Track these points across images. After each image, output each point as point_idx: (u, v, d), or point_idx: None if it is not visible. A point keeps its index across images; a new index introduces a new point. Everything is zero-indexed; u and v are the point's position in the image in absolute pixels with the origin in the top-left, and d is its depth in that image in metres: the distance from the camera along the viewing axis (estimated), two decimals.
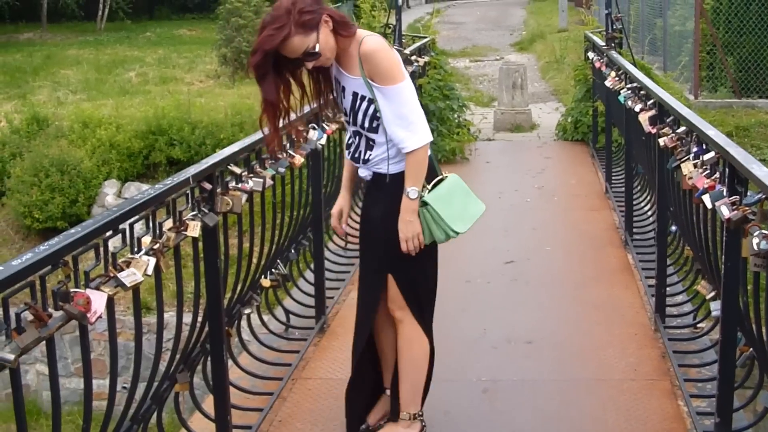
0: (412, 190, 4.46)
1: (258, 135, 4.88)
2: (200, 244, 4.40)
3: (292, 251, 6.40)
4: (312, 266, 6.83)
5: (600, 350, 6.19)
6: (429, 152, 4.58)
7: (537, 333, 6.51)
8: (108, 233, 3.52)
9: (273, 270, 5.96)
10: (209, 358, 4.69)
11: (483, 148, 14.14)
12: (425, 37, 13.77)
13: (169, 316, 4.41)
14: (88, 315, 3.23)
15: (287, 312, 6.62)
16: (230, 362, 5.15)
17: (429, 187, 4.54)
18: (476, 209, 4.73)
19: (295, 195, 6.32)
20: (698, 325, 6.29)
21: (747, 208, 4.05)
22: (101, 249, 3.48)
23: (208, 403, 4.85)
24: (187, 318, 4.51)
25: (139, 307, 3.92)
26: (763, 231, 3.77)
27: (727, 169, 4.36)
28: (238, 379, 5.48)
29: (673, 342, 6.10)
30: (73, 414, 10.98)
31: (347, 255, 8.13)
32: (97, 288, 3.37)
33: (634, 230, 8.37)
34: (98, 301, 3.29)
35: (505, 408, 5.46)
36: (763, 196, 3.86)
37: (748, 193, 4.16)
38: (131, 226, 3.72)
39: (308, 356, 6.15)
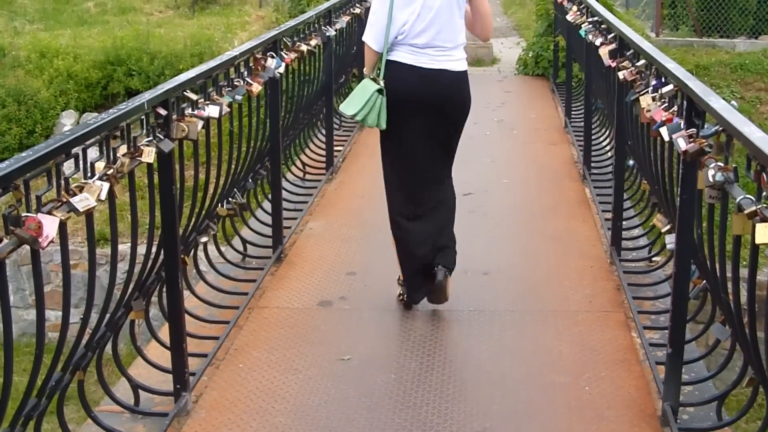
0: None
1: (215, 62, 4.83)
2: (156, 172, 4.36)
3: (249, 181, 6.37)
4: (269, 196, 6.81)
5: (556, 282, 6.22)
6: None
7: (493, 264, 6.53)
8: (61, 157, 3.47)
9: (230, 199, 5.93)
10: (165, 287, 4.67)
11: None
12: None
13: (126, 246, 4.38)
14: (40, 240, 3.19)
15: (244, 242, 6.60)
16: (187, 291, 5.14)
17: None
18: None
19: (253, 124, 6.27)
20: (653, 259, 6.34)
21: (704, 140, 4.06)
22: (54, 173, 3.44)
23: (164, 332, 4.83)
24: (142, 250, 4.48)
25: (93, 233, 3.88)
26: (719, 163, 3.79)
27: (684, 102, 4.37)
28: (194, 308, 5.47)
29: (628, 275, 6.14)
30: (31, 345, 10.90)
31: (305, 186, 8.12)
32: (49, 213, 3.33)
33: (592, 164, 8.40)
34: (50, 225, 3.25)
35: (461, 338, 5.48)
36: (720, 129, 3.86)
37: (705, 126, 4.17)
38: (84, 150, 3.67)
39: (265, 285, 6.14)
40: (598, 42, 7.17)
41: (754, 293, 3.58)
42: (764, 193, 3.36)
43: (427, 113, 5.53)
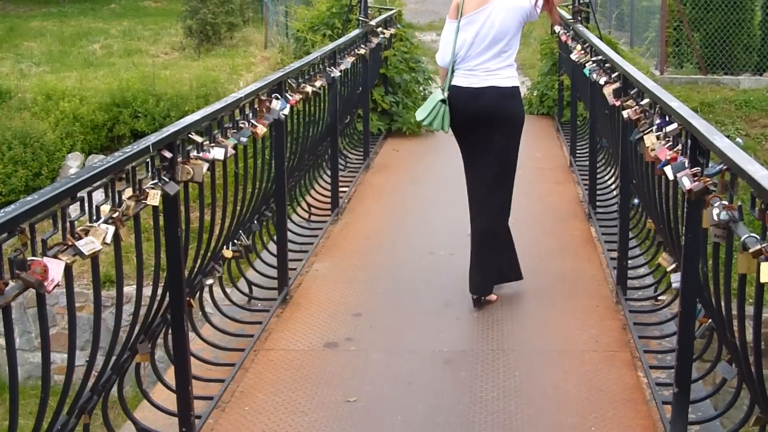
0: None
1: (220, 104, 4.85)
2: (161, 215, 4.37)
3: (255, 223, 6.38)
4: (275, 238, 6.81)
5: (562, 322, 6.21)
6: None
7: (500, 304, 6.52)
8: (66, 201, 3.48)
9: (235, 241, 5.93)
10: (170, 329, 4.66)
11: None
12: (391, 9, 13.71)
13: (132, 288, 4.38)
14: (45, 283, 3.19)
15: (250, 283, 6.60)
16: (192, 333, 5.13)
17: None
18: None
19: (258, 166, 6.29)
20: (659, 298, 6.33)
21: (708, 179, 4.07)
22: (59, 217, 3.44)
23: (170, 375, 4.83)
24: (149, 291, 4.49)
25: (98, 276, 3.88)
26: (724, 202, 3.79)
27: (689, 141, 4.38)
28: (200, 351, 5.46)
29: (634, 314, 6.14)
30: (37, 388, 10.92)
31: (310, 227, 8.13)
32: (55, 256, 3.34)
33: (598, 203, 8.40)
34: (55, 269, 3.25)
35: (468, 379, 5.47)
36: (724, 167, 3.87)
37: (710, 165, 4.17)
38: (90, 194, 3.68)
39: (270, 327, 6.14)
40: (602, 81, 7.18)
41: (759, 332, 3.58)
42: None
43: (479, 126, 6.42)
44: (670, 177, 4.48)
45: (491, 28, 6.35)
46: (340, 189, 9.01)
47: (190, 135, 4.70)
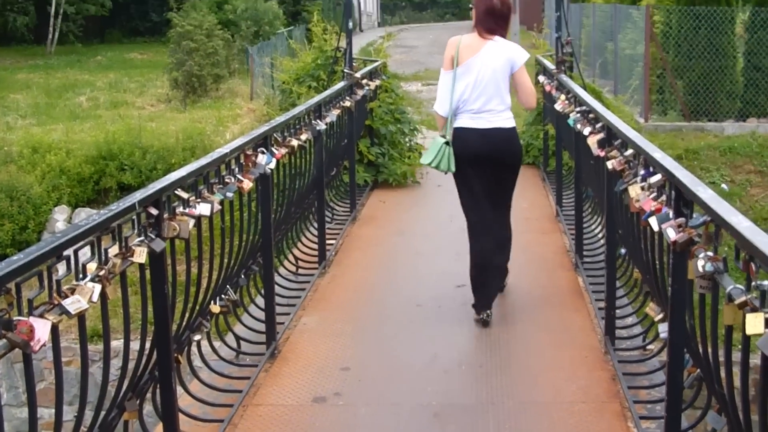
0: None
1: (205, 159, 4.86)
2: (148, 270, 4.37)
3: (242, 277, 6.37)
4: (262, 292, 6.80)
5: (551, 373, 6.20)
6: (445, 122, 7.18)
7: (488, 356, 6.51)
8: (52, 260, 3.48)
9: (223, 296, 5.92)
10: (158, 386, 4.64)
11: (434, 171, 13.99)
12: (376, 61, 13.78)
13: (120, 342, 4.37)
14: (32, 343, 3.18)
15: (238, 338, 6.58)
16: (180, 389, 5.11)
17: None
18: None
19: (244, 220, 6.29)
20: (647, 347, 6.32)
21: (693, 230, 4.09)
22: (45, 275, 3.44)
23: (159, 431, 4.80)
24: (136, 345, 4.47)
25: (85, 334, 3.87)
26: (708, 253, 3.80)
27: (673, 192, 4.40)
28: (188, 407, 5.43)
29: (623, 364, 6.12)
30: None
31: (297, 280, 8.11)
32: (41, 316, 3.33)
33: (585, 253, 8.41)
34: (42, 329, 3.25)
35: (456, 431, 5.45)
36: (708, 219, 3.89)
37: (694, 215, 4.19)
38: (76, 252, 3.68)
39: (259, 382, 6.11)
40: (586, 131, 7.22)
41: (747, 384, 3.57)
42: (754, 283, 3.36)
43: (486, 162, 7.07)
44: (655, 228, 4.50)
45: (487, 72, 6.99)
46: (327, 241, 9.01)
47: (176, 191, 4.71)
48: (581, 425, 5.40)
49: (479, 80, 7.00)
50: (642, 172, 5.14)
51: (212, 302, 5.74)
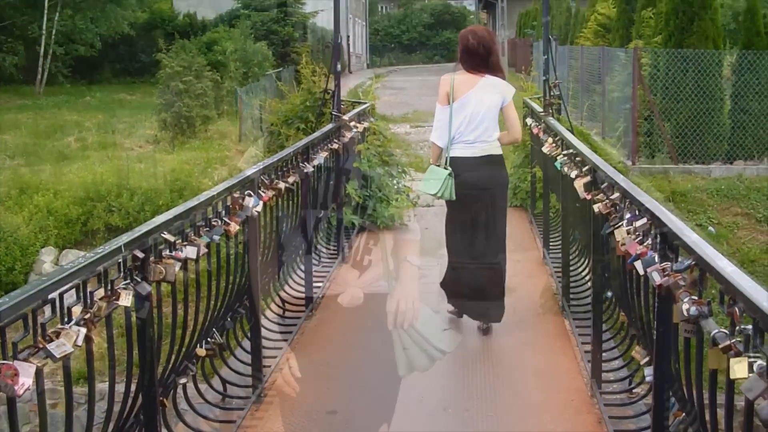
0: None
1: (192, 203, 4.87)
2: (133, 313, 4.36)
3: (228, 320, 6.35)
4: (249, 335, 6.78)
5: (537, 417, 6.19)
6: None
7: (474, 400, 6.50)
8: (37, 303, 3.48)
9: (209, 339, 5.90)
10: (143, 429, 4.62)
11: (422, 214, 14.13)
12: (365, 103, 13.80)
13: (105, 386, 4.35)
14: (16, 387, 3.17)
15: (224, 381, 6.55)
16: None
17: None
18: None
19: (231, 263, 6.28)
20: (633, 391, 6.31)
21: (678, 274, 4.10)
22: (30, 319, 3.43)
23: None
24: (122, 388, 4.45)
25: (70, 377, 3.86)
26: (693, 297, 3.81)
27: (658, 236, 4.42)
28: None
29: (609, 407, 6.12)
30: None
31: (284, 323, 8.09)
32: (26, 359, 3.32)
33: (572, 296, 8.40)
34: (26, 372, 3.24)
35: None
36: (693, 263, 3.90)
37: (679, 259, 4.20)
38: (61, 296, 3.68)
39: (245, 426, 6.08)
40: (573, 174, 7.24)
41: (731, 427, 3.58)
42: (738, 327, 3.37)
43: (478, 186, 7.73)
44: (641, 272, 4.51)
45: (482, 108, 7.68)
46: (314, 284, 8.99)
47: (162, 234, 4.71)
48: None
49: (474, 114, 7.67)
50: (628, 215, 5.16)
51: (198, 345, 5.72)
